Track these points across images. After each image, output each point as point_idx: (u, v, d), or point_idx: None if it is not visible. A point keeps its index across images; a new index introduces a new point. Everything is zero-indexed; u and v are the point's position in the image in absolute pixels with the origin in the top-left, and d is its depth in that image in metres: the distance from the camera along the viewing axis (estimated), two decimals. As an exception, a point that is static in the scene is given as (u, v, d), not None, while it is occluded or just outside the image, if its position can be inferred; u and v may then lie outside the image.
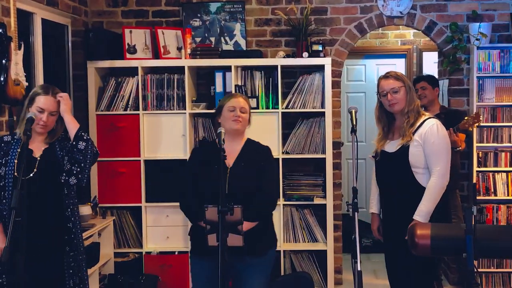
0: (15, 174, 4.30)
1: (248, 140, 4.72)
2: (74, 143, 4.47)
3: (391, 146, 4.66)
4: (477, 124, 6.08)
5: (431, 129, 4.57)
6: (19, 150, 4.35)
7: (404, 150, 4.57)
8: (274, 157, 6.52)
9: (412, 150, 4.55)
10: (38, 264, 4.36)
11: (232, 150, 4.49)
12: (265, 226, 4.62)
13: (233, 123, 4.50)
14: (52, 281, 4.48)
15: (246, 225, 4.43)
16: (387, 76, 4.67)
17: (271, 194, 4.73)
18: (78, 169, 4.48)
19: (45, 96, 4.38)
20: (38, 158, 4.42)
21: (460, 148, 6.35)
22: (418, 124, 4.60)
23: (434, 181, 4.54)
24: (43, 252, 4.40)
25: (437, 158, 4.57)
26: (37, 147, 4.46)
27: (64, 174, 4.47)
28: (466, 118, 6.16)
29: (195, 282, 4.65)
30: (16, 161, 4.32)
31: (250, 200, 4.34)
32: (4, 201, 4.35)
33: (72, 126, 4.52)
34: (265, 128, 6.59)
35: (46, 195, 4.43)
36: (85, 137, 4.52)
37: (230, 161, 4.47)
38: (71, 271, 4.55)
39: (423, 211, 4.50)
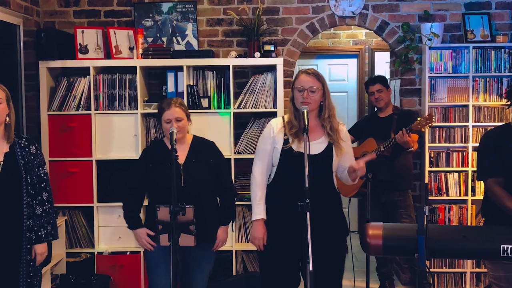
0: None
1: (194, 137, 5.07)
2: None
3: (311, 148, 4.34)
4: (430, 125, 6.10)
5: (343, 128, 4.71)
6: None
7: (329, 152, 4.57)
8: (226, 157, 6.58)
9: (336, 151, 4.57)
10: None
11: (181, 149, 4.84)
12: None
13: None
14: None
15: (223, 230, 4.95)
16: (308, 73, 4.56)
17: (232, 189, 5.16)
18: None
19: None
20: (1, 162, 4.41)
21: (412, 149, 6.37)
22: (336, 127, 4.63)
23: None
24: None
25: (352, 153, 4.83)
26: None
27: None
28: (419, 119, 6.18)
29: (154, 268, 4.90)
30: None
31: (202, 195, 4.72)
32: None
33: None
34: (217, 128, 6.63)
35: (4, 200, 4.43)
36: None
37: (181, 159, 4.79)
38: (28, 280, 4.56)
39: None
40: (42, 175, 4.65)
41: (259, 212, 4.58)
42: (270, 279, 4.68)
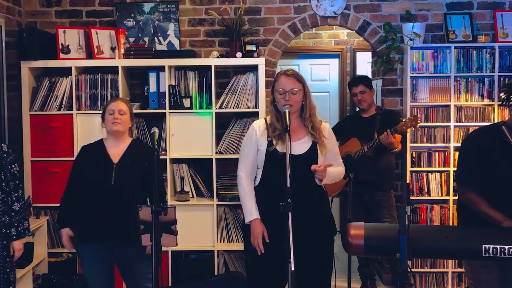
0: None
1: (134, 139, 5.20)
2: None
3: (294, 148, 4.37)
4: (415, 126, 6.10)
5: (326, 125, 4.70)
6: None
7: (313, 152, 4.55)
8: (208, 157, 6.61)
9: (321, 149, 4.55)
10: None
11: (117, 149, 5.00)
12: None
13: (112, 125, 4.94)
14: None
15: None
16: (288, 74, 4.52)
17: (163, 195, 5.37)
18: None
19: None
20: None
21: (396, 149, 6.36)
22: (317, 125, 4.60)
23: (342, 168, 4.80)
24: None
25: (338, 151, 4.86)
26: None
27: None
28: (404, 120, 6.18)
29: (87, 267, 4.98)
30: None
31: (131, 195, 4.79)
32: None
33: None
34: (199, 128, 6.63)
35: None
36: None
37: (116, 158, 4.94)
38: (5, 276, 4.58)
39: (331, 172, 4.56)
40: (16, 172, 4.72)
41: (252, 213, 4.52)
42: (256, 280, 4.64)
